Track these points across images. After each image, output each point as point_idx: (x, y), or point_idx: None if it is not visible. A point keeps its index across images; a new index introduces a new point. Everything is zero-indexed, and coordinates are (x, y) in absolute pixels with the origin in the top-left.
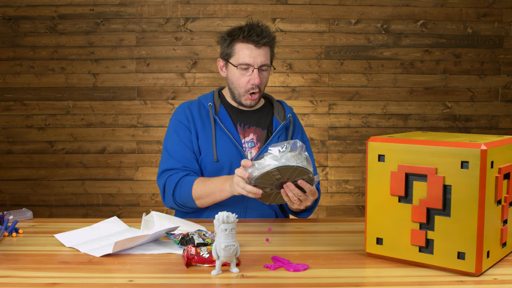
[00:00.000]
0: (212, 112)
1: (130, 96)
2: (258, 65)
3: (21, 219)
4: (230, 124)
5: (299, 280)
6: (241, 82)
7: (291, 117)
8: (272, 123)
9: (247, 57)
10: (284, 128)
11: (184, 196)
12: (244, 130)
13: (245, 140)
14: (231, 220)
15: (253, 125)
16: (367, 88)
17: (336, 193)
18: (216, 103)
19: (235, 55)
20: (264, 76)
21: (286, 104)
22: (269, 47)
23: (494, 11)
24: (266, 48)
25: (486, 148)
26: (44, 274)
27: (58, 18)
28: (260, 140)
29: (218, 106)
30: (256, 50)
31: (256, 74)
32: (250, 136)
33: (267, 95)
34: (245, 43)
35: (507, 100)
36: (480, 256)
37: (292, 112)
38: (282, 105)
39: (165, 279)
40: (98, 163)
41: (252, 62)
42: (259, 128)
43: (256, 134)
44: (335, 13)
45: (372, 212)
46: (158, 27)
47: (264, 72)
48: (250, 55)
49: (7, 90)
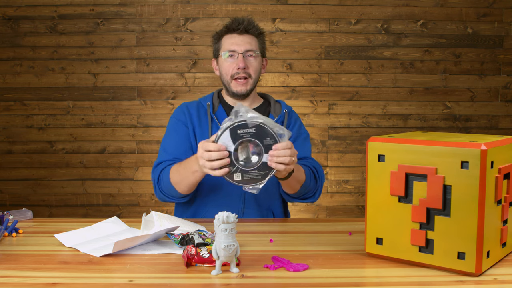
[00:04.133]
0: (210, 111)
1: (130, 96)
2: (243, 50)
3: (21, 219)
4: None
5: (299, 280)
6: (227, 69)
7: (286, 112)
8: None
9: (231, 44)
10: (279, 123)
11: (165, 184)
12: None
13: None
14: (231, 220)
15: None
16: (367, 88)
17: (336, 193)
18: (214, 102)
19: (222, 47)
20: (251, 62)
21: (284, 103)
22: (255, 37)
23: (494, 11)
24: (250, 37)
25: (486, 148)
26: (44, 274)
27: (58, 18)
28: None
29: (216, 106)
30: (239, 37)
31: (241, 58)
32: None
33: (266, 95)
34: (229, 34)
35: (507, 100)
36: (480, 256)
37: (290, 109)
38: (280, 104)
39: (165, 279)
40: (98, 163)
41: (236, 48)
42: None
43: None
44: (335, 13)
45: (372, 212)
46: (158, 27)
47: (250, 58)
48: (234, 42)
49: (7, 90)
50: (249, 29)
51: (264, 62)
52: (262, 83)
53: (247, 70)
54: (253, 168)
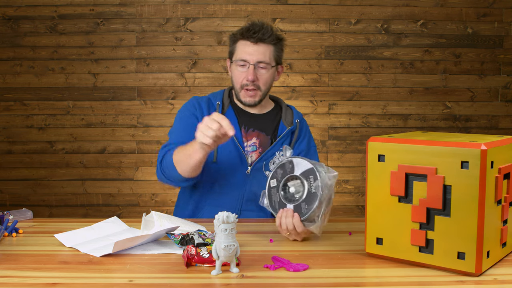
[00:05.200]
0: (219, 111)
1: (130, 96)
2: (254, 62)
3: (21, 219)
4: (235, 125)
5: (299, 280)
6: (238, 78)
7: (298, 122)
8: (278, 128)
9: (244, 53)
10: (290, 133)
11: (168, 163)
12: (247, 133)
13: (248, 144)
14: (231, 220)
15: (257, 129)
16: (367, 88)
17: (336, 193)
18: (225, 102)
19: (235, 52)
20: (261, 74)
21: (295, 109)
22: (272, 46)
23: (494, 11)
24: (265, 46)
25: (486, 148)
26: (44, 274)
27: (58, 18)
28: (262, 145)
29: (226, 106)
30: (252, 47)
31: (251, 70)
32: (253, 140)
33: (277, 99)
34: (244, 40)
35: (507, 100)
36: (480, 256)
37: (301, 118)
38: (291, 110)
39: (165, 279)
40: (98, 163)
41: (248, 58)
42: (263, 133)
43: (259, 139)
44: (335, 13)
45: (372, 212)
46: (158, 27)
47: (262, 70)
48: (246, 51)
49: (7, 90)
50: (265, 39)
51: (280, 69)
52: None
53: (256, 83)
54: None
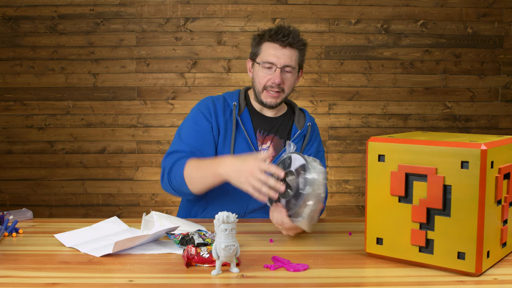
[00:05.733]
0: (236, 112)
1: (130, 96)
2: (282, 65)
3: (21, 219)
4: (250, 128)
5: (299, 280)
6: (262, 79)
7: (310, 125)
8: (291, 131)
9: (271, 56)
10: (302, 136)
11: (177, 177)
12: (263, 136)
13: (262, 147)
14: (231, 220)
15: (272, 133)
16: (367, 88)
17: (336, 193)
18: (241, 103)
19: (261, 53)
20: (287, 78)
21: (308, 113)
22: (297, 50)
23: (494, 11)
24: (292, 50)
25: (486, 148)
26: (44, 274)
27: (58, 18)
28: (276, 149)
29: (242, 107)
30: (280, 50)
31: (278, 73)
32: (268, 144)
33: (290, 102)
34: (271, 42)
35: (507, 100)
36: (480, 256)
37: (313, 122)
38: (304, 113)
39: (165, 279)
40: (98, 163)
41: (275, 61)
42: (277, 137)
43: (274, 142)
44: (335, 13)
45: (372, 212)
46: (158, 27)
47: (288, 73)
48: (274, 54)
49: (7, 90)
50: (293, 43)
51: (300, 73)
52: None
53: (281, 86)
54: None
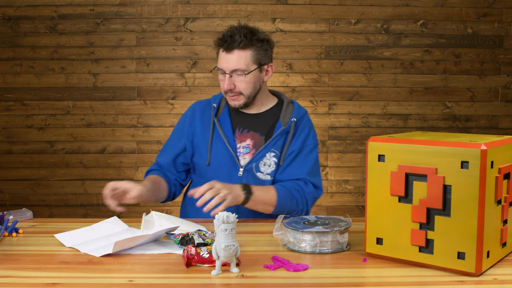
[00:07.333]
0: (214, 114)
1: (130, 96)
2: (229, 70)
3: (21, 219)
4: (228, 127)
5: (299, 280)
6: (221, 85)
7: (294, 121)
8: (275, 127)
9: (220, 62)
10: (284, 133)
11: None
12: (242, 134)
13: (241, 145)
14: (231, 220)
15: (252, 130)
16: (367, 88)
17: (336, 193)
18: (222, 103)
19: (218, 60)
20: (240, 81)
21: (298, 106)
22: (248, 49)
23: (494, 11)
24: (241, 52)
25: (486, 148)
26: (44, 274)
27: (58, 18)
28: (256, 146)
29: (222, 107)
30: (226, 55)
31: (227, 79)
32: (247, 142)
33: (280, 95)
34: (220, 48)
35: (507, 100)
36: (480, 256)
37: (302, 115)
38: (293, 107)
39: (165, 279)
40: (98, 163)
41: (224, 67)
42: (258, 133)
43: (254, 139)
44: (335, 13)
45: (372, 212)
46: (158, 27)
47: (239, 77)
48: (222, 60)
49: (7, 90)
50: (240, 46)
51: (268, 68)
52: None
53: (235, 90)
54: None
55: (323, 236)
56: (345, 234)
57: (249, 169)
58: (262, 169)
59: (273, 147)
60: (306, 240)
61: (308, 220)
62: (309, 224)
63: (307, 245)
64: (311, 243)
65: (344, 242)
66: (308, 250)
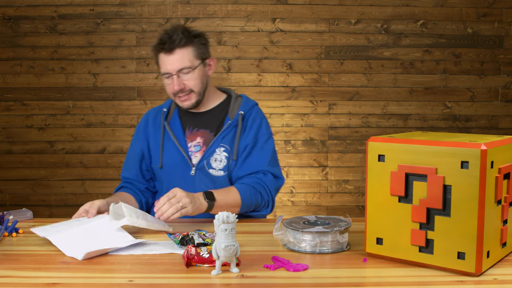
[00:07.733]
0: (163, 118)
1: (130, 96)
2: (175, 71)
3: (21, 219)
4: (179, 128)
5: (299, 280)
6: (168, 90)
7: (241, 114)
8: (224, 123)
9: (163, 66)
10: (232, 127)
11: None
12: (192, 133)
13: (192, 144)
14: (231, 220)
15: (201, 128)
16: (367, 88)
17: (336, 193)
18: (171, 107)
19: (159, 66)
20: (188, 79)
21: (246, 98)
22: (188, 47)
23: (494, 11)
24: (182, 50)
25: (486, 148)
26: (44, 274)
27: (58, 18)
28: (206, 143)
29: (172, 111)
30: (168, 57)
31: (175, 80)
32: (197, 140)
33: (228, 91)
34: (160, 53)
35: (507, 100)
36: (480, 256)
37: (250, 107)
38: (241, 100)
39: (165, 279)
40: (98, 163)
41: (169, 70)
42: (207, 130)
43: (204, 137)
44: (335, 13)
45: (372, 212)
46: (158, 27)
47: (186, 75)
48: (165, 63)
49: (7, 90)
50: (178, 45)
51: (210, 62)
52: (262, 83)
53: (185, 89)
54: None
55: (323, 236)
56: (345, 234)
57: (201, 167)
58: (213, 165)
59: (222, 142)
60: (306, 240)
61: (308, 220)
62: (309, 224)
63: (307, 245)
64: (311, 243)
65: (344, 242)
66: (308, 250)
